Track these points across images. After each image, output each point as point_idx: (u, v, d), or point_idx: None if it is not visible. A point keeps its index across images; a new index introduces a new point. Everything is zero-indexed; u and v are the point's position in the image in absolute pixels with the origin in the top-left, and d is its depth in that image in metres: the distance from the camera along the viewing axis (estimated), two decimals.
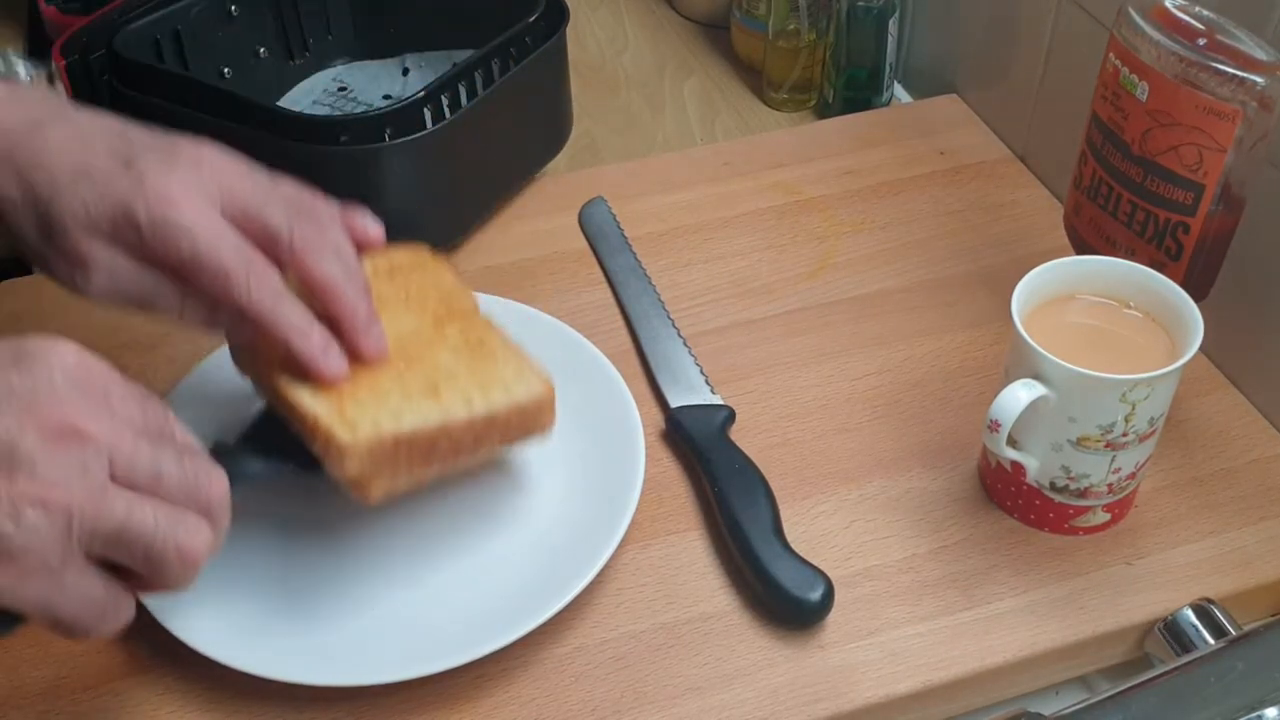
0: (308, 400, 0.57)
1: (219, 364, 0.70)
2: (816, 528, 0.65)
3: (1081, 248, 0.71)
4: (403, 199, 0.77)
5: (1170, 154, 0.62)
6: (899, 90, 1.00)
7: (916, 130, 0.90)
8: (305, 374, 0.57)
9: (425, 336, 0.62)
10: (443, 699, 0.58)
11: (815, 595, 0.60)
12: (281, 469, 0.58)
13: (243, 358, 0.62)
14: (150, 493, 0.46)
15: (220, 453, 0.55)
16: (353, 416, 0.56)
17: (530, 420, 0.61)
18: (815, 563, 0.61)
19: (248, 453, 0.58)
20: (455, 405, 0.58)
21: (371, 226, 0.60)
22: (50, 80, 0.79)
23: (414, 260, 0.68)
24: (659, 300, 0.77)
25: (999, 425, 0.58)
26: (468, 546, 0.63)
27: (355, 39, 0.95)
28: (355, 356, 0.58)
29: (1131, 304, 0.62)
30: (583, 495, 0.65)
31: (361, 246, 0.60)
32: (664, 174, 0.88)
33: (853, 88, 0.94)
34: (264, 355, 0.59)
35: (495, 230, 0.84)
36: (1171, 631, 0.60)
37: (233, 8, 0.86)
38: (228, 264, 0.53)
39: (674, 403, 0.70)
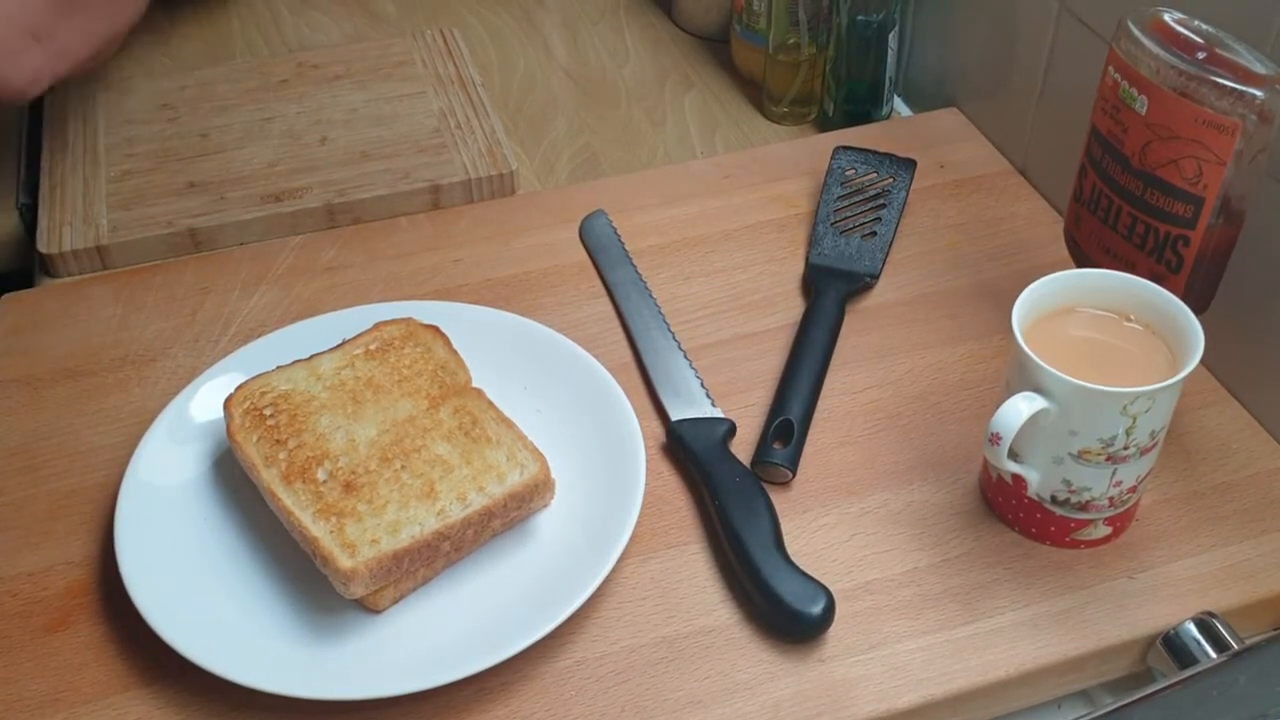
0: (309, 521, 0.60)
1: (218, 378, 0.71)
2: (817, 541, 0.65)
3: (1082, 260, 0.71)
4: None
5: (1170, 167, 0.63)
6: (899, 103, 1.00)
7: (916, 143, 0.90)
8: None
9: (420, 425, 0.65)
10: (443, 713, 0.58)
11: (816, 609, 0.60)
12: None
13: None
14: None
15: None
16: (353, 538, 0.59)
17: (527, 503, 0.63)
18: (816, 576, 0.61)
19: None
20: (452, 506, 0.61)
21: None
22: None
23: (404, 332, 0.70)
24: (660, 313, 0.77)
25: (1000, 438, 0.58)
26: (468, 560, 0.63)
27: None
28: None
29: (1132, 317, 0.62)
30: (583, 509, 0.65)
31: None
32: (665, 187, 0.88)
33: (853, 101, 0.94)
34: (262, 475, 0.62)
35: (497, 242, 0.84)
36: (1173, 645, 0.60)
37: None
38: None
39: (675, 415, 0.70)
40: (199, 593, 0.61)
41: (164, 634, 0.58)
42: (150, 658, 0.60)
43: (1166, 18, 0.62)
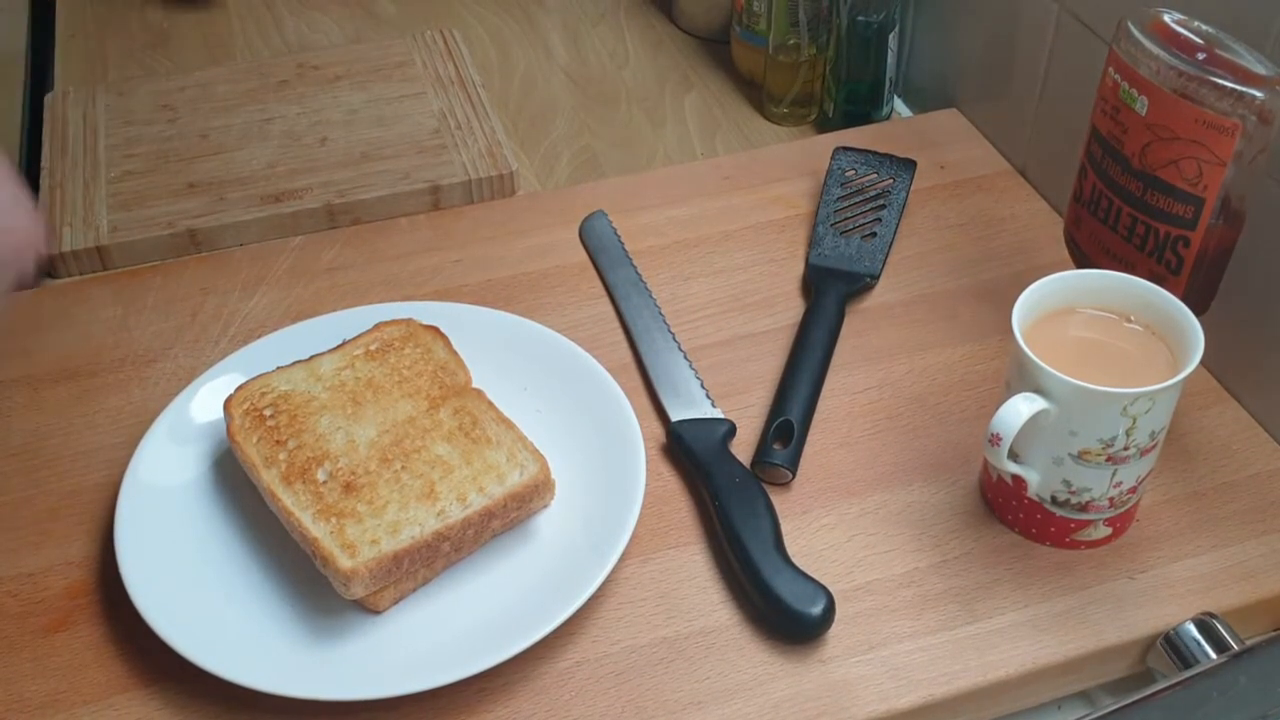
0: (309, 522, 0.60)
1: (218, 378, 0.71)
2: (817, 542, 0.65)
3: (1082, 261, 0.71)
4: None
5: (1170, 168, 0.63)
6: (899, 104, 1.00)
7: (916, 144, 0.90)
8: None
9: (420, 425, 0.65)
10: (445, 713, 0.58)
11: (816, 609, 0.60)
12: None
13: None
14: None
15: None
16: (353, 538, 0.59)
17: (527, 503, 0.63)
18: (816, 577, 0.61)
19: None
20: (452, 507, 0.61)
21: None
22: None
23: (404, 333, 0.70)
24: (660, 314, 0.77)
25: (1000, 439, 0.58)
26: (469, 561, 0.63)
27: None
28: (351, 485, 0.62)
29: (1132, 317, 0.62)
30: (584, 509, 0.65)
31: None
32: (665, 188, 0.88)
33: (853, 102, 0.94)
34: (263, 476, 0.62)
35: (497, 243, 0.84)
36: (1174, 646, 0.60)
37: None
38: None
39: (675, 416, 0.70)
40: (199, 593, 0.61)
41: (164, 634, 0.58)
42: (150, 658, 0.60)
43: (1166, 18, 0.62)
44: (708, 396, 0.72)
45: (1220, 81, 0.59)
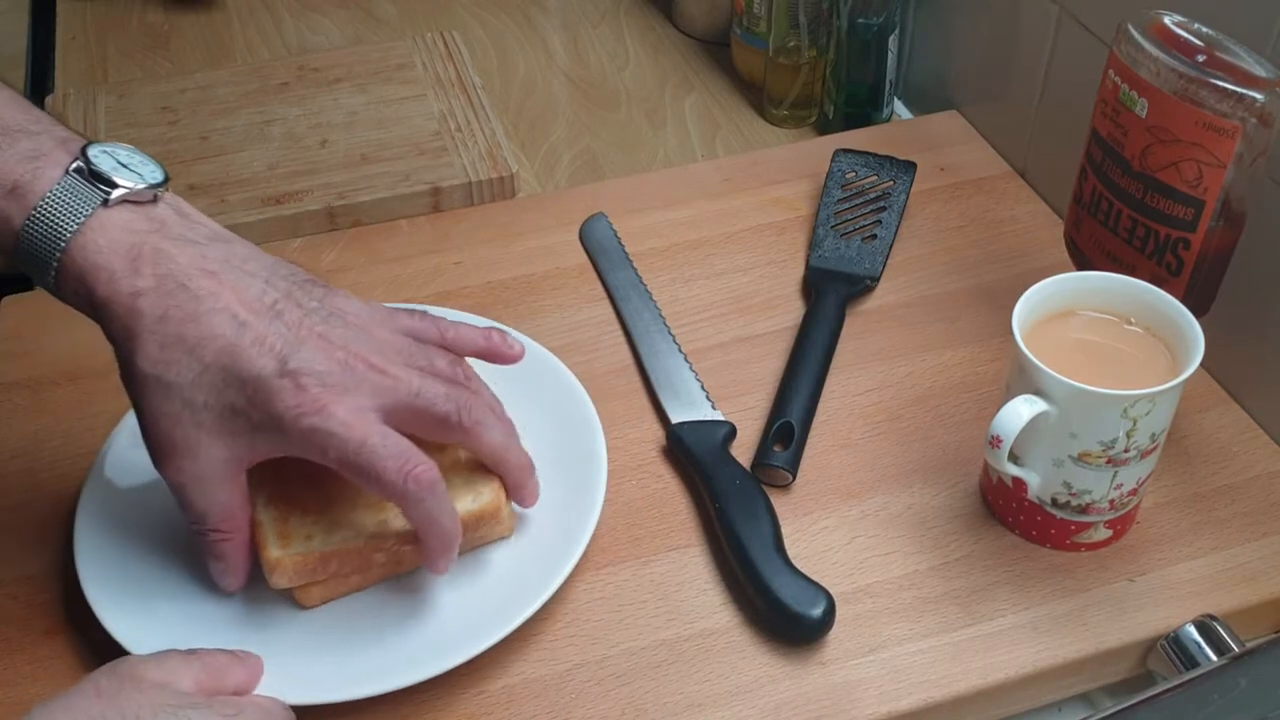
0: (260, 505, 0.59)
1: None
2: (818, 544, 0.65)
3: (1082, 263, 0.71)
4: None
5: (1170, 170, 0.63)
6: (899, 106, 1.00)
7: (917, 146, 0.90)
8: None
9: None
10: (443, 714, 0.58)
11: (816, 611, 0.60)
12: None
13: None
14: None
15: None
16: (291, 529, 0.58)
17: (472, 531, 0.61)
18: (817, 579, 0.61)
19: None
20: (394, 520, 0.60)
21: (515, 346, 0.63)
22: None
23: None
24: (660, 316, 0.77)
25: (1000, 441, 0.58)
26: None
27: None
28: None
29: (1132, 319, 0.62)
30: (536, 531, 0.64)
31: (500, 363, 0.63)
32: (665, 190, 0.88)
33: (853, 104, 0.94)
34: None
35: (497, 245, 0.84)
36: (1174, 648, 0.60)
37: None
38: (378, 465, 0.54)
39: (675, 418, 0.70)
40: (150, 593, 0.61)
41: (119, 635, 0.58)
42: None
43: (1166, 21, 0.62)
44: (708, 398, 0.72)
45: (1220, 84, 0.59)
